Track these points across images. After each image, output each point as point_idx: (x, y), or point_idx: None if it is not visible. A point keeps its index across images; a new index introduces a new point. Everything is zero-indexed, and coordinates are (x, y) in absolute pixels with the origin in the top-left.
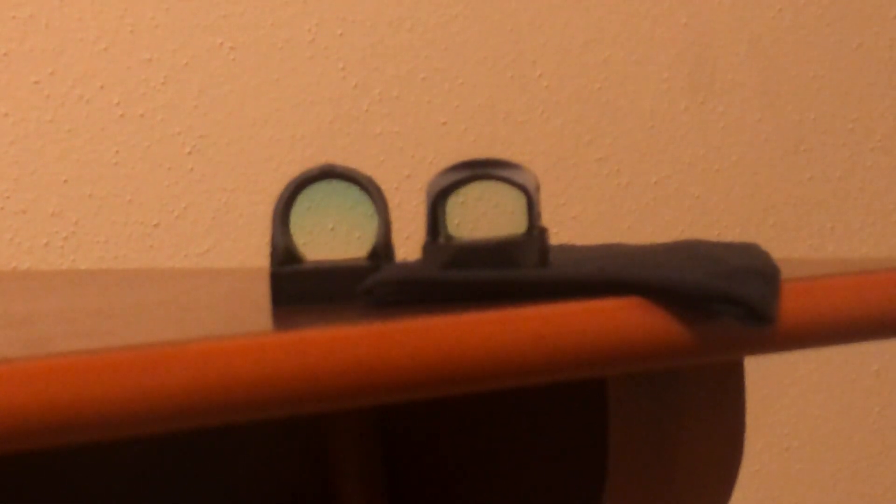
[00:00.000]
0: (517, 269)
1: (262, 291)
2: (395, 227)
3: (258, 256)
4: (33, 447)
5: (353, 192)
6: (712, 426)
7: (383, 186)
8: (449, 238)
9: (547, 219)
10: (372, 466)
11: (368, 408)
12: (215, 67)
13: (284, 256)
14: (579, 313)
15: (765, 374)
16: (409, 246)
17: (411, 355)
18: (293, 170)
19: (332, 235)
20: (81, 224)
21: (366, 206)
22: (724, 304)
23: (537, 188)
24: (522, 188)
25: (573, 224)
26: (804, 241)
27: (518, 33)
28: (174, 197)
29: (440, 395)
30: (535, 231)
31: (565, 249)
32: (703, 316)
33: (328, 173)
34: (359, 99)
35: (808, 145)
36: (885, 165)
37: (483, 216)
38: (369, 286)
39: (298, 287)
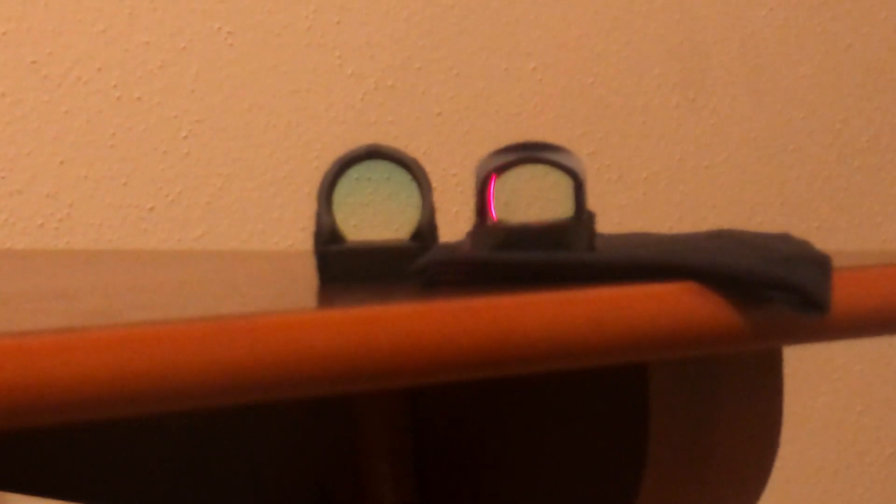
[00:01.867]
0: (571, 252)
1: (299, 270)
2: None
3: (252, 241)
4: (105, 417)
5: (398, 172)
6: (750, 413)
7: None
8: (494, 220)
9: None
10: (401, 448)
11: (399, 389)
12: (212, 52)
13: (329, 235)
14: (636, 297)
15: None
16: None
17: (472, 334)
18: (288, 156)
19: (374, 215)
20: (76, 206)
21: (410, 187)
22: (780, 290)
23: (585, 172)
24: (571, 172)
25: None
26: None
27: (513, 26)
28: (169, 181)
29: (496, 376)
30: (585, 215)
31: (602, 237)
32: (757, 302)
33: (373, 153)
34: (354, 87)
35: (797, 144)
36: (871, 166)
37: (529, 199)
38: (423, 265)
39: (345, 266)
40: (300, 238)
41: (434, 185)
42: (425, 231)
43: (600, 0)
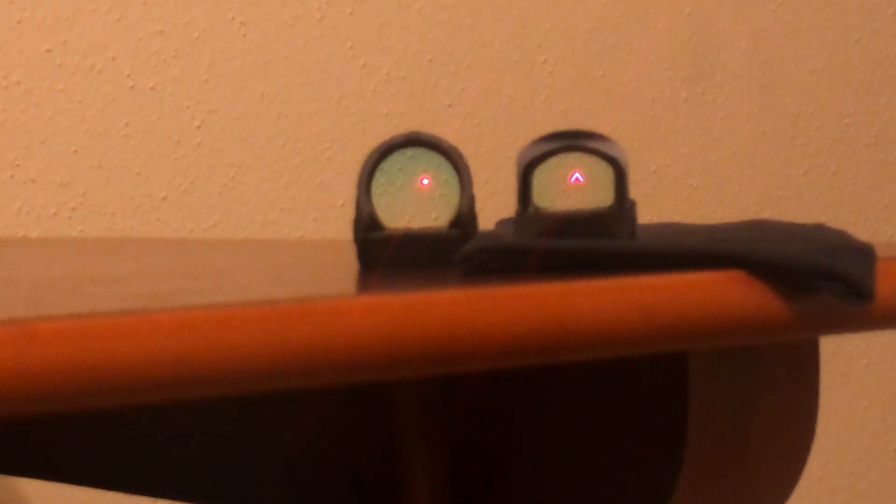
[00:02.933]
0: (617, 240)
1: (335, 257)
2: None
3: (264, 231)
4: (165, 399)
5: (438, 160)
6: (788, 404)
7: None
8: (536, 208)
9: None
10: (436, 436)
11: (435, 377)
12: (226, 42)
13: (369, 222)
14: (685, 285)
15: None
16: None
17: (523, 321)
18: (299, 147)
19: (413, 203)
20: (89, 195)
21: (449, 175)
22: (827, 280)
23: (627, 161)
24: (613, 161)
25: None
26: None
27: (524, 18)
28: (182, 170)
29: (544, 364)
30: (627, 203)
31: (639, 227)
32: (802, 291)
33: (413, 141)
34: (366, 78)
35: (805, 139)
36: (879, 161)
37: (571, 187)
38: (469, 253)
39: (386, 253)
40: (311, 228)
41: None
42: (465, 218)
43: None
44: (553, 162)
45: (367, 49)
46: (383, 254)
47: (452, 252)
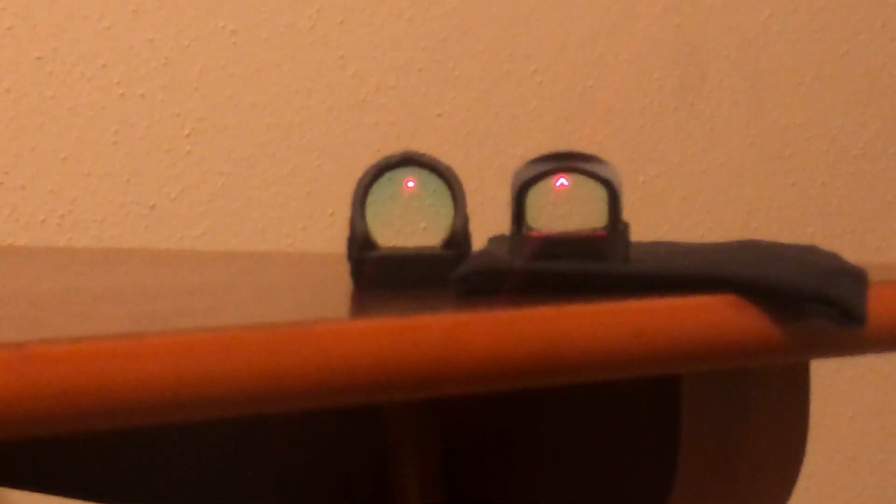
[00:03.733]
0: (611, 263)
1: (328, 275)
2: None
3: (253, 240)
4: (162, 422)
5: (432, 179)
6: (778, 423)
7: None
8: (530, 229)
9: None
10: (429, 451)
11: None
12: (216, 50)
13: (363, 241)
14: (679, 308)
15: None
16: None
17: (517, 344)
18: (289, 155)
19: (407, 222)
20: (79, 202)
21: (443, 194)
22: (819, 303)
23: (621, 183)
24: (607, 183)
25: None
26: None
27: (514, 29)
28: (171, 178)
29: (541, 386)
30: (620, 225)
31: (632, 246)
32: (794, 315)
33: (408, 160)
34: (356, 88)
35: (793, 150)
36: (867, 172)
37: (564, 208)
38: (464, 274)
39: (380, 273)
40: (301, 237)
41: None
42: (459, 238)
43: (601, 4)
44: (547, 183)
45: (357, 58)
46: (376, 273)
47: (446, 272)
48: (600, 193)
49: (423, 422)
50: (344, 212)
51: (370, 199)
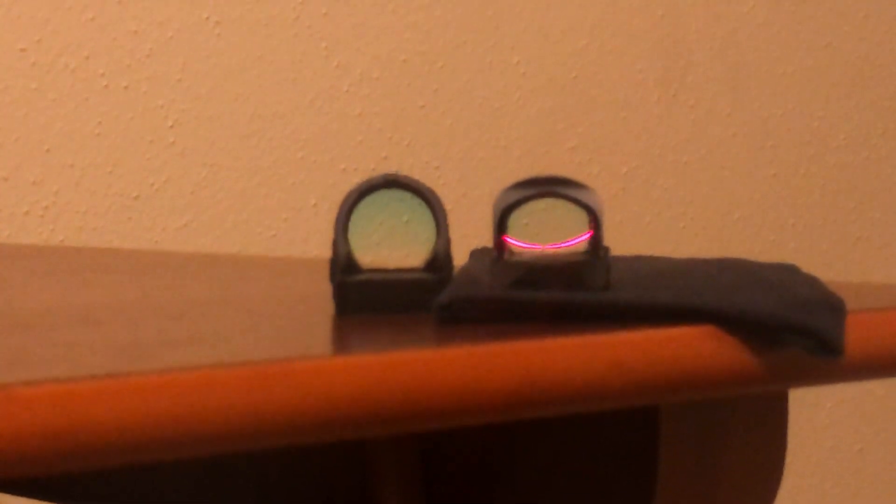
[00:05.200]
0: (591, 293)
1: (311, 293)
2: None
3: (236, 230)
4: (145, 461)
5: (415, 201)
6: (755, 452)
7: (360, 167)
8: (511, 253)
9: None
10: (411, 479)
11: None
12: (200, 42)
13: (346, 264)
14: (657, 340)
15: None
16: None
17: (496, 379)
18: (272, 146)
19: (390, 243)
20: (62, 194)
21: (426, 216)
22: (797, 335)
23: (602, 209)
24: (588, 208)
25: None
26: (766, 235)
27: (498, 20)
28: (154, 170)
29: (523, 418)
30: (602, 252)
31: (614, 262)
32: (772, 345)
33: (390, 182)
34: (340, 79)
35: (775, 141)
36: (847, 164)
37: (546, 230)
38: (445, 302)
39: (362, 297)
40: (283, 227)
41: (416, 176)
42: (441, 261)
43: None
44: (529, 208)
45: (341, 49)
46: (358, 298)
47: (428, 296)
48: (581, 218)
49: (404, 444)
50: (326, 203)
51: (353, 221)
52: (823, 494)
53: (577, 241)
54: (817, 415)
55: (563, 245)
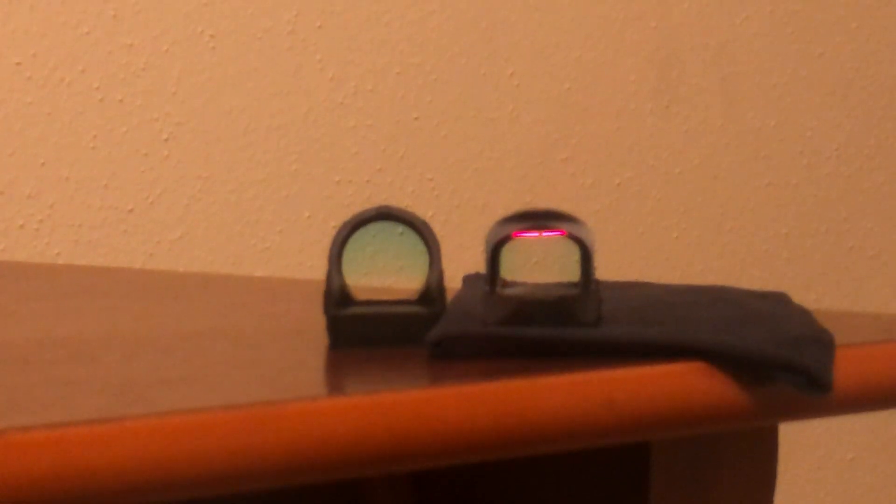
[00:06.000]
0: (583, 329)
1: (304, 324)
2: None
3: (230, 244)
4: (140, 503)
5: (408, 233)
6: (746, 485)
7: (355, 179)
8: (504, 283)
9: None
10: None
11: None
12: (195, 55)
13: (340, 297)
14: (648, 377)
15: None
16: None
17: (487, 418)
18: (267, 159)
19: (381, 274)
20: (57, 207)
21: (419, 248)
22: (786, 372)
23: (594, 243)
24: (580, 242)
25: None
26: (759, 245)
27: (491, 32)
28: (149, 183)
29: (515, 456)
30: (593, 286)
31: (604, 289)
32: (762, 381)
33: (384, 215)
34: (334, 91)
35: (768, 152)
36: (841, 173)
37: (537, 265)
38: (438, 338)
39: (356, 330)
40: (277, 240)
41: (410, 189)
42: (434, 293)
43: (578, 7)
44: (521, 241)
45: (335, 62)
46: (351, 331)
47: (421, 330)
48: (573, 250)
49: (397, 481)
50: (320, 215)
51: (346, 253)
52: (815, 503)
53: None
54: (809, 423)
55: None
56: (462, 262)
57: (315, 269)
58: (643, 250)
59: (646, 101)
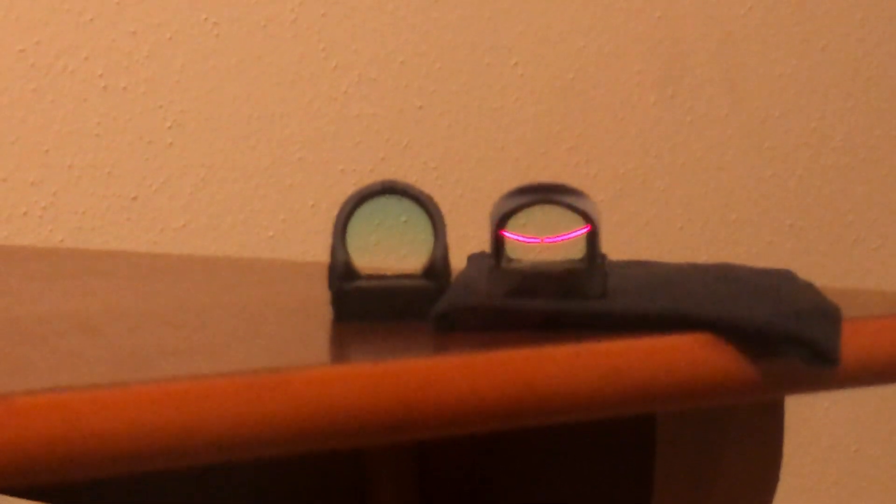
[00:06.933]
0: (588, 301)
1: (310, 293)
2: None
3: (234, 231)
4: (145, 469)
5: (413, 207)
6: (751, 459)
7: (358, 168)
8: (508, 260)
9: None
10: (407, 481)
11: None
12: (198, 43)
13: (344, 271)
14: (652, 349)
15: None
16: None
17: (492, 387)
18: (271, 147)
19: (388, 249)
20: (60, 195)
21: (424, 223)
22: (793, 344)
23: (599, 217)
24: (586, 215)
25: None
26: (763, 237)
27: (495, 21)
28: (153, 171)
29: (520, 427)
30: (599, 260)
31: (610, 267)
32: (768, 354)
33: (388, 189)
34: (338, 80)
35: (772, 143)
36: (844, 165)
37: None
38: (443, 311)
39: (361, 304)
40: (281, 228)
41: (414, 177)
42: (439, 268)
43: None
44: (526, 215)
45: (339, 51)
46: (356, 305)
47: (426, 304)
48: (578, 225)
49: (401, 451)
50: (324, 204)
51: (351, 227)
52: (820, 494)
53: (575, 234)
54: (814, 415)
55: (560, 238)
56: (466, 250)
57: (319, 257)
58: (647, 241)
59: (650, 91)
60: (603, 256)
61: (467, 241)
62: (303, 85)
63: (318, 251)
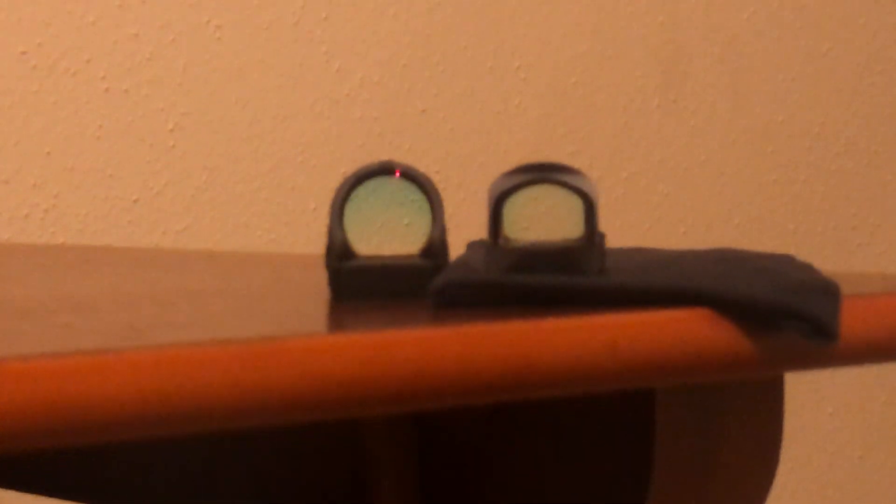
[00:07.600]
0: (587, 276)
1: (306, 283)
2: None
3: (236, 234)
4: (138, 436)
5: (410, 188)
6: (752, 435)
7: None
8: (507, 240)
9: None
10: (407, 466)
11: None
12: (200, 46)
13: (341, 251)
14: (652, 323)
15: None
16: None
17: (491, 359)
18: (273, 150)
19: (385, 230)
20: (62, 197)
21: (422, 203)
22: (793, 319)
23: (597, 195)
24: (583, 194)
25: None
26: (766, 241)
27: (498, 25)
28: (155, 173)
29: (517, 400)
30: (596, 237)
31: (610, 253)
32: (768, 330)
33: (386, 169)
34: (340, 83)
35: (775, 147)
36: (848, 170)
37: (541, 218)
38: (440, 286)
39: (357, 282)
40: (283, 231)
41: None
42: (436, 248)
43: (585, 1)
44: (524, 194)
45: (341, 54)
46: (353, 283)
47: (424, 282)
48: (576, 204)
49: (401, 431)
50: (326, 207)
51: (349, 207)
52: (824, 500)
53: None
54: (818, 420)
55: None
56: None
57: (320, 255)
58: (650, 244)
59: (653, 95)
60: (601, 234)
61: (469, 240)
62: (305, 87)
63: (321, 253)
